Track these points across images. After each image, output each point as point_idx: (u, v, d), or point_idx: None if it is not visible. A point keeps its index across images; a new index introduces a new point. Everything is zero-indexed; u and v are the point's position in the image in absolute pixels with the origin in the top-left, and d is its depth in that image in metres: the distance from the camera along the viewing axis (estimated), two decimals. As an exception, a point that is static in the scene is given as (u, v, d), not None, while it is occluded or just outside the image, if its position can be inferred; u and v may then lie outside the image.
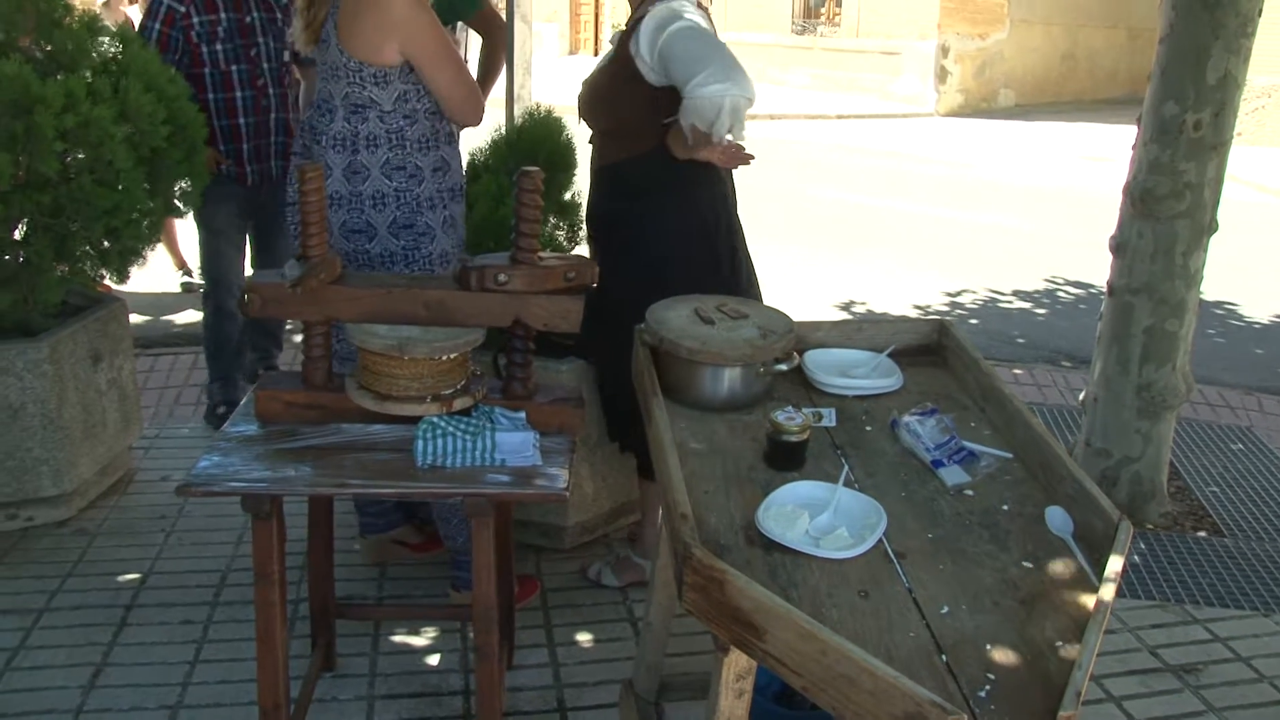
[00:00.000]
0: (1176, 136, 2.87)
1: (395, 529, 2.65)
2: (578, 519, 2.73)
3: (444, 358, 1.79)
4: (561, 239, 2.81)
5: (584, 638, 2.43)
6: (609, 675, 2.29)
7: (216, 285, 3.47)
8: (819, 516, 1.43)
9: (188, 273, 5.09)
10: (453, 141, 2.35)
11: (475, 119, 2.31)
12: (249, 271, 3.59)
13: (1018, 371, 4.29)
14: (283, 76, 3.31)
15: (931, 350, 2.03)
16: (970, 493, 1.54)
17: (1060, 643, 1.22)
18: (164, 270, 5.06)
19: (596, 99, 2.38)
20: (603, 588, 2.62)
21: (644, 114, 2.30)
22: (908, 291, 5.52)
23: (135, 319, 4.24)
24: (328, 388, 1.89)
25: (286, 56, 3.30)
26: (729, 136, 2.17)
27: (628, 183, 2.38)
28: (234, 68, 3.19)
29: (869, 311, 5.17)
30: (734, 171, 2.45)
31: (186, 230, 3.92)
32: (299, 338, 4.35)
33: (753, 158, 2.38)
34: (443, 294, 1.80)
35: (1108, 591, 1.26)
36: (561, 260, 1.87)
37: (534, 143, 2.69)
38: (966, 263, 6.19)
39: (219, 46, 3.15)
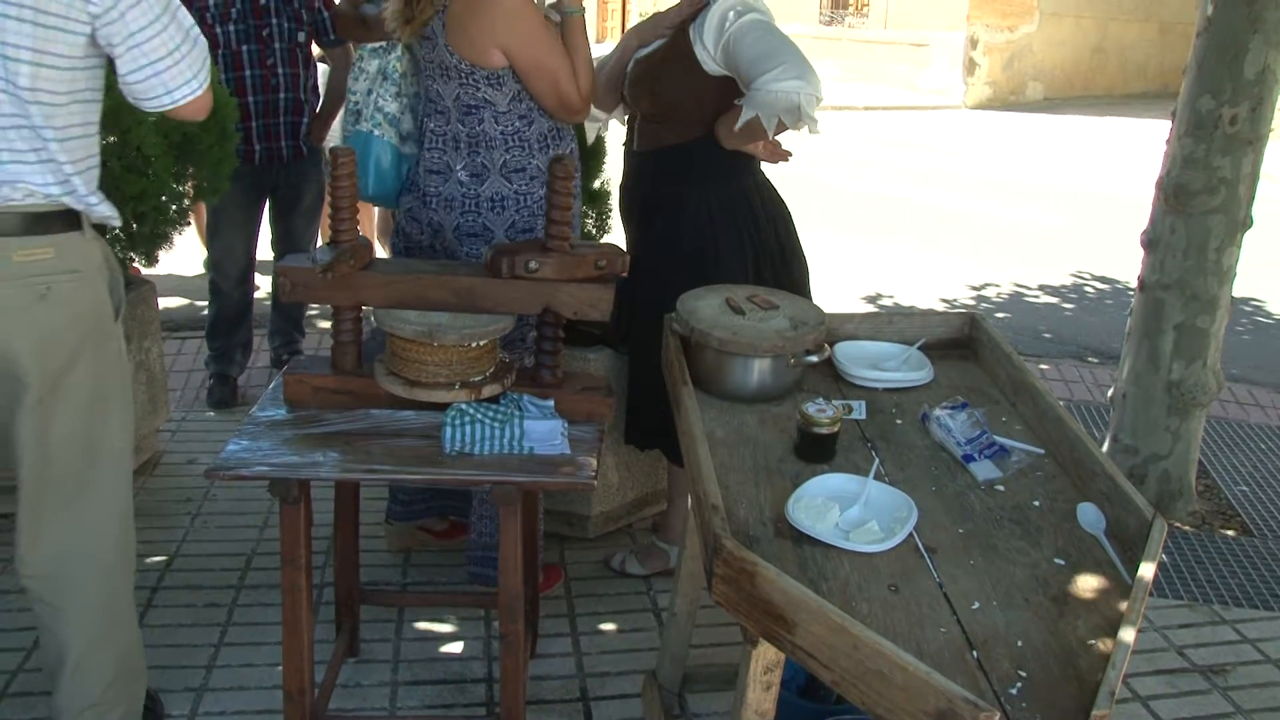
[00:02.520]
0: (1212, 131, 2.84)
1: (414, 520, 2.66)
2: (602, 508, 2.74)
3: (473, 344, 1.80)
4: (590, 227, 2.81)
5: (607, 627, 2.44)
6: (632, 665, 2.29)
7: (214, 265, 3.52)
8: (849, 509, 1.43)
9: None
10: (571, 139, 2.28)
11: (577, 117, 2.22)
12: (260, 255, 3.62)
13: (1045, 367, 4.26)
14: (294, 56, 3.31)
15: (962, 344, 2.02)
16: (1001, 488, 1.53)
17: (1092, 640, 1.21)
18: (193, 253, 5.09)
19: (647, 82, 2.37)
20: (627, 577, 2.62)
21: (695, 101, 2.30)
22: (935, 285, 5.48)
23: (163, 302, 4.27)
24: (356, 373, 1.90)
25: (301, 37, 3.31)
26: (803, 130, 2.18)
27: (672, 168, 2.38)
28: (244, 47, 3.20)
29: (897, 304, 5.14)
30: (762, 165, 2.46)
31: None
32: (323, 323, 4.45)
33: (791, 155, 2.39)
34: (473, 281, 1.81)
35: (1142, 589, 1.24)
36: (593, 248, 1.87)
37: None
38: (994, 256, 6.14)
39: (231, 27, 3.17)
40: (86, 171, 1.65)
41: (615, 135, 2.73)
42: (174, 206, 2.83)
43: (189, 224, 3.14)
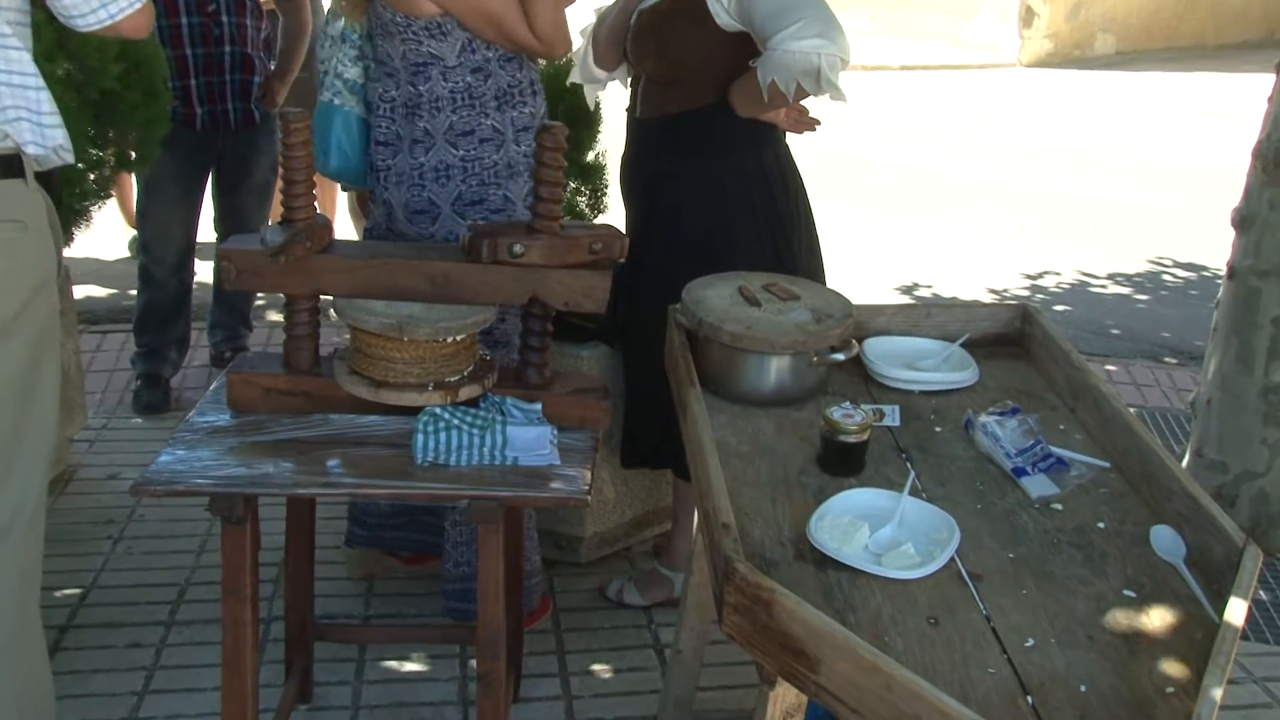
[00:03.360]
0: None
1: (375, 547, 2.68)
2: (596, 529, 2.76)
3: (449, 339, 1.82)
4: (583, 206, 2.84)
5: (602, 666, 2.46)
6: (631, 710, 2.31)
7: (146, 248, 3.53)
8: (881, 529, 1.45)
9: None
10: (539, 94, 2.29)
11: (550, 56, 2.22)
12: (201, 236, 3.64)
13: (1112, 368, 4.28)
14: (241, 3, 3.32)
15: (1013, 340, 2.04)
16: (1059, 506, 1.55)
17: (1170, 689, 1.21)
18: (116, 233, 5.11)
19: (653, 37, 2.38)
20: (624, 608, 2.65)
21: (706, 61, 2.32)
22: (983, 272, 5.50)
23: (80, 290, 4.29)
24: (313, 372, 1.92)
25: None
26: (826, 97, 2.20)
27: (680, 139, 2.40)
28: None
29: (936, 295, 5.16)
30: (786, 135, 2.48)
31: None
32: (274, 315, 4.47)
33: (819, 124, 2.41)
34: (449, 267, 1.83)
35: (1232, 631, 1.24)
36: (587, 230, 1.89)
37: (553, 96, 2.71)
38: (1052, 239, 6.16)
39: None
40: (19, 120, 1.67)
41: (616, 99, 2.75)
42: (91, 176, 2.83)
43: (110, 197, 3.16)
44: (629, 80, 2.56)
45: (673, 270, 2.38)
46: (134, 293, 3.68)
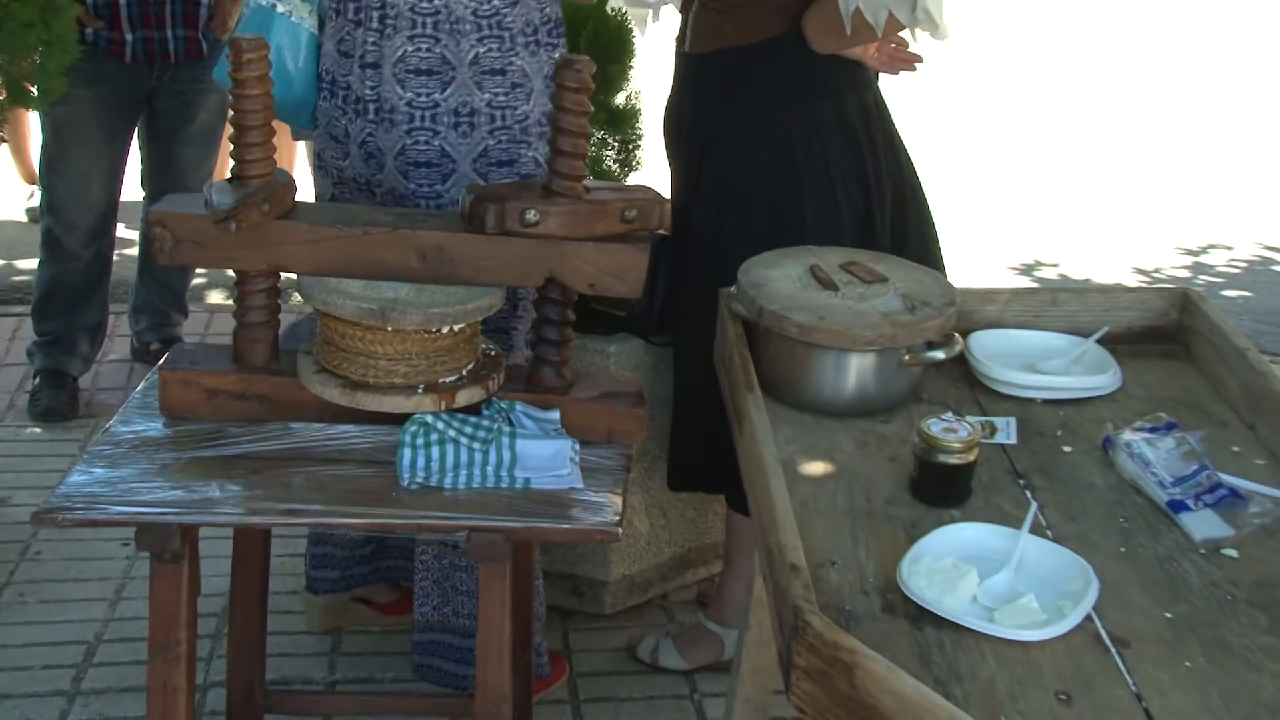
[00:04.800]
0: None
1: (359, 587, 2.71)
2: (625, 571, 2.78)
3: (445, 329, 1.84)
4: (610, 161, 2.85)
5: (630, 747, 2.49)
6: (667, 802, 2.34)
7: (53, 209, 3.56)
8: (993, 576, 1.45)
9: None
10: (564, 37, 2.31)
11: None
12: (127, 193, 3.67)
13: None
14: None
15: (1167, 335, 2.03)
16: (1233, 553, 1.54)
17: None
18: (7, 189, 5.16)
19: None
20: (661, 673, 2.66)
21: None
22: (1127, 248, 5.46)
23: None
24: (271, 369, 1.95)
25: None
26: (919, 30, 2.22)
27: (740, 80, 2.42)
28: None
29: (1064, 276, 5.14)
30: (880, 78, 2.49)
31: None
32: (215, 296, 4.49)
33: (920, 61, 2.41)
34: (445, 237, 1.85)
35: None
36: (618, 193, 1.91)
37: (572, 21, 2.72)
38: (1221, 207, 6.06)
39: None
40: None
41: (659, 28, 2.77)
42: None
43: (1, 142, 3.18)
44: (680, 3, 2.58)
45: (727, 245, 2.40)
46: (30, 265, 3.71)
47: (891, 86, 2.58)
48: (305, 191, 2.22)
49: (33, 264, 4.54)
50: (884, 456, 1.72)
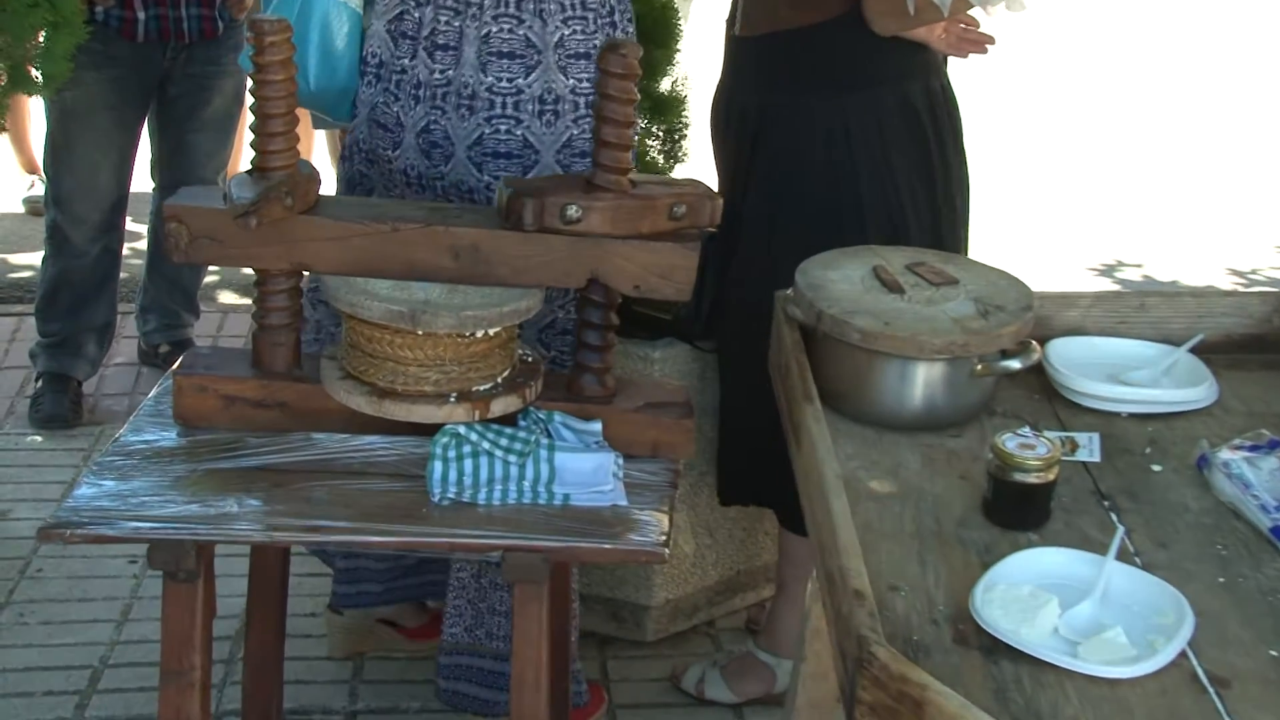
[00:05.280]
0: None
1: (386, 605, 2.72)
2: (669, 595, 2.78)
3: (479, 334, 1.85)
4: (654, 152, 2.85)
5: (674, 786, 2.49)
6: None
7: (59, 202, 3.60)
8: (1076, 606, 1.44)
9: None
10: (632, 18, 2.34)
11: None
12: (136, 185, 3.71)
13: None
14: None
15: (1270, 343, 2.01)
16: (1345, 584, 1.53)
17: None
18: (7, 179, 5.23)
19: None
20: (706, 705, 2.66)
21: None
22: (1219, 246, 5.41)
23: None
24: (293, 375, 1.96)
25: None
26: (996, 7, 2.22)
27: (794, 65, 2.42)
28: None
29: (1149, 278, 5.10)
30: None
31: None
32: (228, 296, 4.51)
33: (992, 42, 2.41)
34: (480, 235, 1.86)
35: None
36: (667, 187, 1.91)
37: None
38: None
39: None
40: None
41: (708, 9, 2.76)
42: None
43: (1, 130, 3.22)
44: None
45: (779, 243, 2.40)
46: (30, 260, 3.74)
47: (959, 71, 2.57)
48: (328, 184, 2.23)
49: (33, 259, 4.59)
50: (954, 474, 1.72)
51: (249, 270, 2.00)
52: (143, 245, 4.21)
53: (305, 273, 1.98)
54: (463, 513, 1.79)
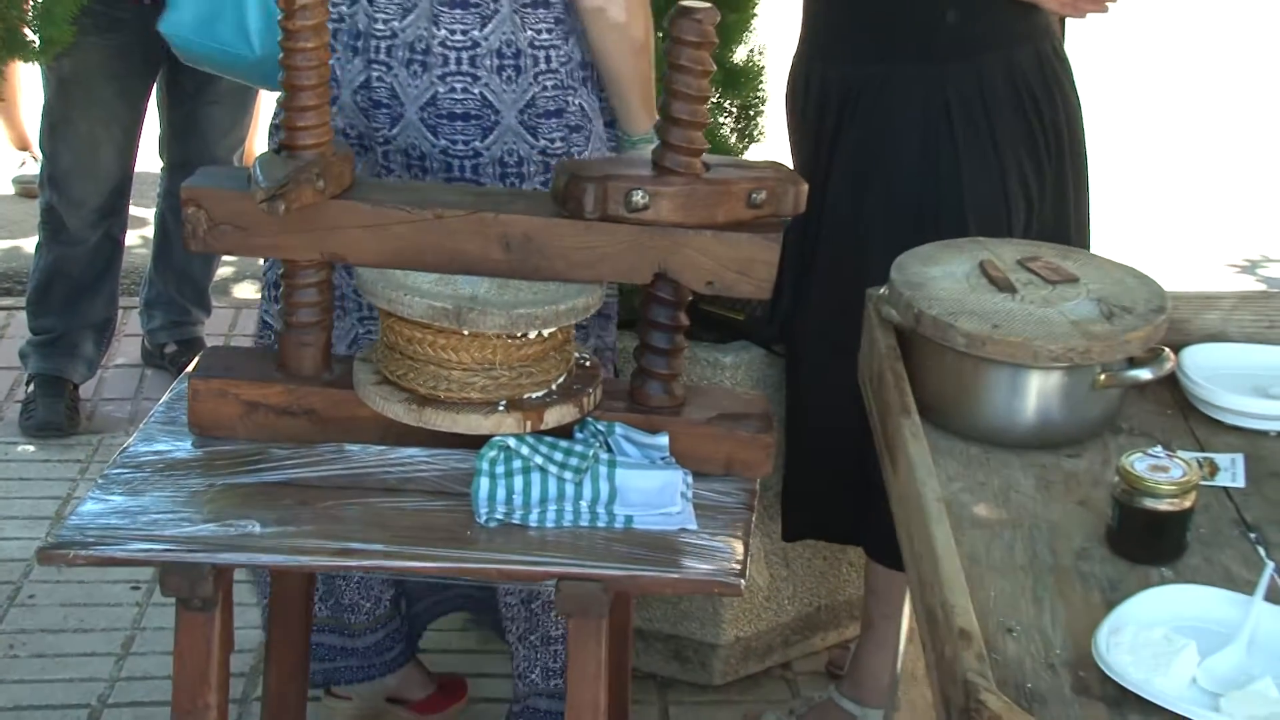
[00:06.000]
0: None
1: (392, 671, 2.69)
2: (740, 633, 2.77)
3: (532, 335, 1.85)
4: (726, 131, 2.85)
5: None
6: None
7: (56, 182, 3.62)
8: (1218, 653, 1.43)
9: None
10: None
11: None
12: (146, 164, 3.75)
13: None
14: None
15: None
16: None
17: None
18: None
19: None
20: (780, 759, 2.67)
21: None
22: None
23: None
24: (323, 380, 1.97)
25: None
26: None
27: (885, 31, 2.43)
28: None
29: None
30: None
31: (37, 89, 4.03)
32: (243, 290, 4.51)
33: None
34: (533, 223, 1.86)
35: None
36: (744, 171, 1.90)
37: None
38: None
39: None
40: None
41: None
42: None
43: None
44: None
45: (866, 234, 2.40)
46: (21, 248, 3.77)
47: (1076, 33, 2.55)
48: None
49: (25, 246, 4.63)
50: (1073, 499, 1.71)
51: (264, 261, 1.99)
52: (148, 232, 4.25)
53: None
54: (512, 535, 1.79)
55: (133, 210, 3.88)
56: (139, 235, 4.36)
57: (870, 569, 2.62)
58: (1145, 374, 1.82)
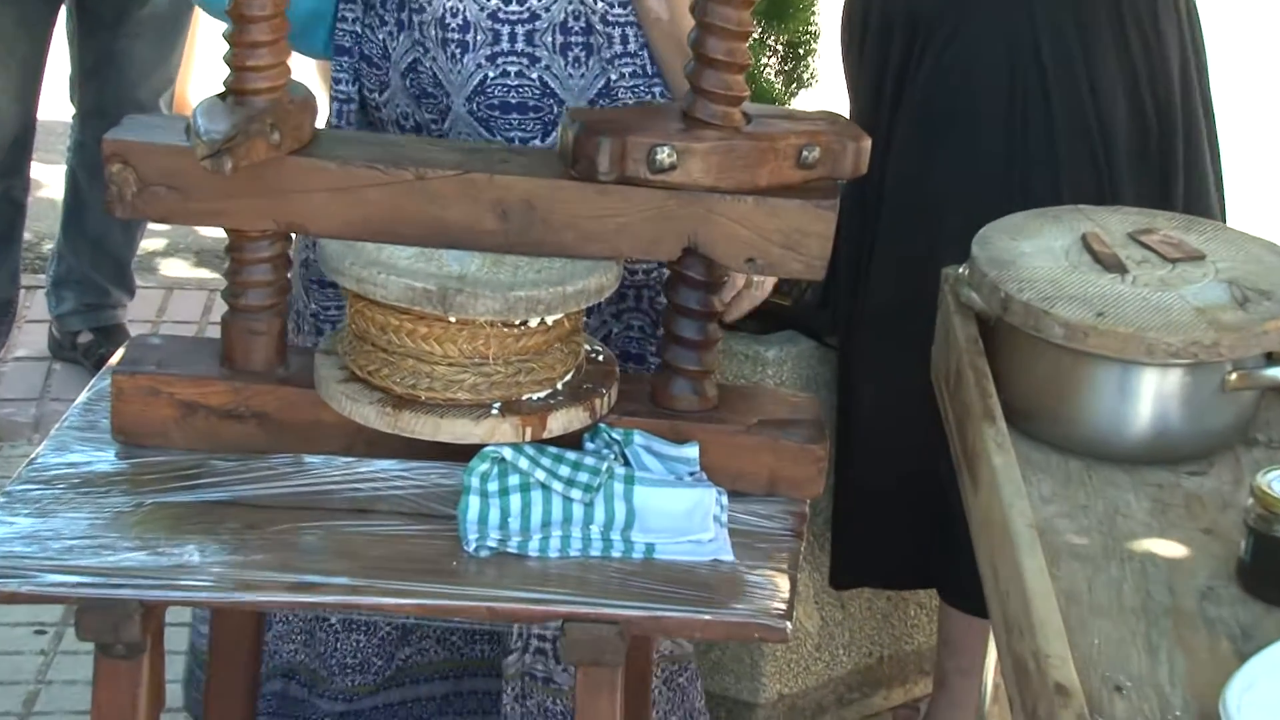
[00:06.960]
0: None
1: None
2: (784, 688, 2.79)
3: (533, 322, 1.86)
4: (770, 74, 2.86)
5: None
6: None
7: None
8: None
9: None
10: None
11: None
12: (51, 111, 3.76)
13: None
14: None
15: None
16: None
17: None
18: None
19: None
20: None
21: None
22: None
23: None
24: (277, 377, 1.98)
25: None
26: None
27: None
28: None
29: None
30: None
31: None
32: (174, 266, 4.49)
33: None
34: (535, 186, 1.87)
35: None
36: (793, 123, 1.91)
37: None
38: None
39: None
40: None
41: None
42: None
43: None
44: None
45: (937, 196, 2.41)
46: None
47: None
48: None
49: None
50: (1196, 527, 1.72)
51: (209, 230, 2.00)
52: (55, 194, 4.25)
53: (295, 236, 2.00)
54: (508, 567, 1.80)
55: (36, 167, 3.88)
56: (44, 197, 4.36)
57: (944, 614, 2.64)
58: (1286, 374, 1.84)
